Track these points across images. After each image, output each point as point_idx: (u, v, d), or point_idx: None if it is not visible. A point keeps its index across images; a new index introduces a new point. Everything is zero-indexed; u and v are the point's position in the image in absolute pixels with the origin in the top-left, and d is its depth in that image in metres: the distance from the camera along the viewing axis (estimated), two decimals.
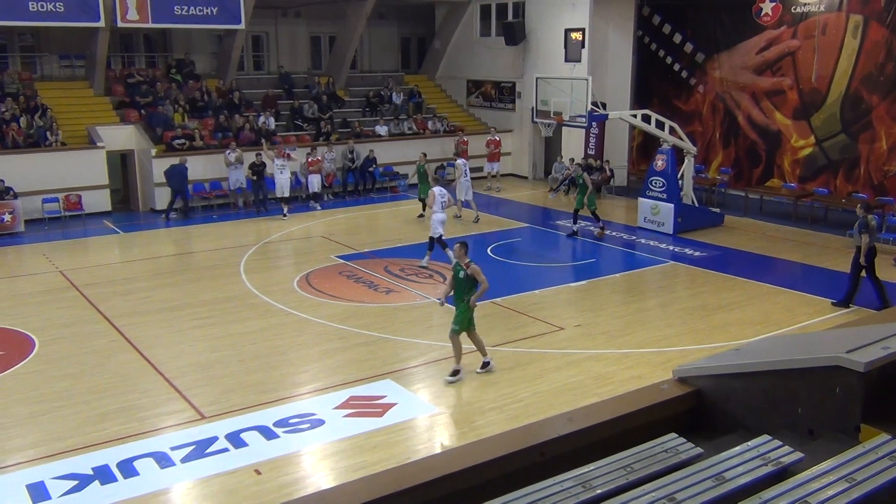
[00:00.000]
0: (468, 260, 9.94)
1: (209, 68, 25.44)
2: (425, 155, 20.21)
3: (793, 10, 19.33)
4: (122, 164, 21.58)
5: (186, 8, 21.27)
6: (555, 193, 22.29)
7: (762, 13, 19.86)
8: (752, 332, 11.60)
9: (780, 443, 4.15)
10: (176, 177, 19.62)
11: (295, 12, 27.08)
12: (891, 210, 17.31)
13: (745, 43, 20.54)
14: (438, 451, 8.41)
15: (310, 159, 20.94)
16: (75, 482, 7.76)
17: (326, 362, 10.78)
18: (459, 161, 19.96)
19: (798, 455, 4.04)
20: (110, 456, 8.21)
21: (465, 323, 9.93)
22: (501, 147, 24.16)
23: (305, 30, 27.75)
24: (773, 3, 19.58)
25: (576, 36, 22.50)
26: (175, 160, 19.85)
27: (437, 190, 15.29)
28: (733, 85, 21.03)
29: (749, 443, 4.16)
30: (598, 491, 3.71)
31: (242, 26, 22.41)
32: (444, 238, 15.09)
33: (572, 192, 20.47)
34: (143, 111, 21.67)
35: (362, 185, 22.90)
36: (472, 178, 20.17)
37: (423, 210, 19.03)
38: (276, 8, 26.08)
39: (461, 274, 9.92)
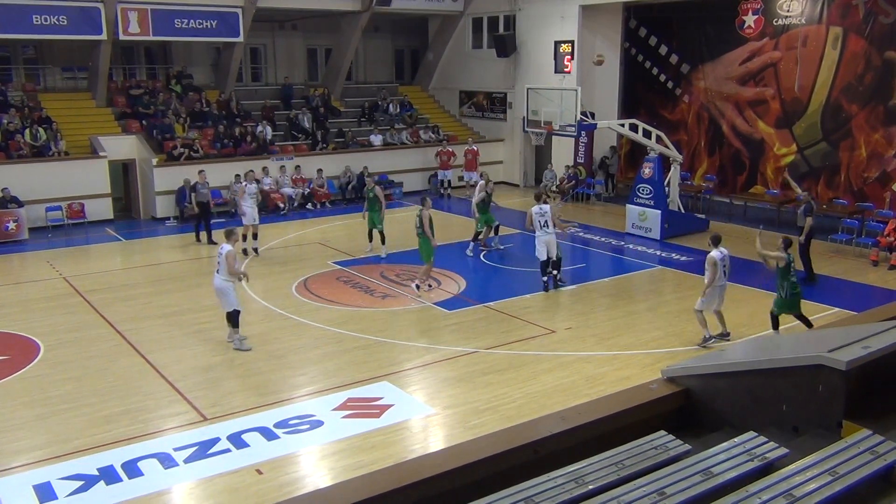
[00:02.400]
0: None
1: (208, 80, 25.73)
2: (373, 178, 18.83)
3: (775, 23, 19.71)
4: (123, 173, 21.83)
5: (186, 21, 21.62)
6: (562, 202, 22.45)
7: (745, 25, 20.23)
8: (737, 333, 11.79)
9: (766, 439, 4.24)
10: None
11: (292, 25, 27.38)
12: (870, 215, 17.66)
13: (728, 54, 20.90)
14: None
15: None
16: (81, 482, 7.86)
17: (325, 365, 10.93)
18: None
19: (783, 450, 4.13)
20: (115, 457, 8.32)
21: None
22: (479, 157, 24.18)
23: (302, 42, 28.07)
24: (756, 16, 19.95)
25: (565, 48, 22.89)
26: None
27: (535, 210, 14.17)
28: (717, 95, 21.38)
29: (735, 439, 4.24)
30: (591, 486, 3.81)
31: (241, 39, 22.76)
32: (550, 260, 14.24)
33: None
34: (144, 122, 21.97)
35: (359, 194, 23.28)
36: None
37: (371, 241, 17.06)
38: (273, 21, 26.40)
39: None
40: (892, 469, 4.05)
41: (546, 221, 14.07)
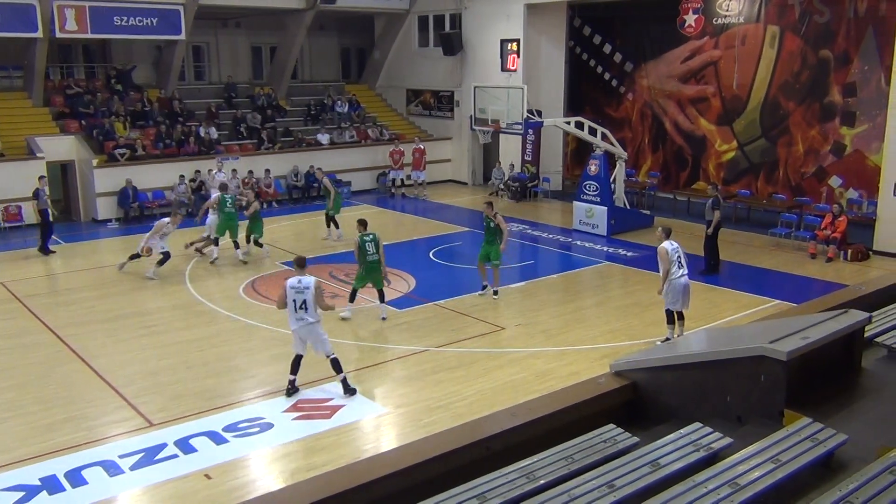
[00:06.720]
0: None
1: (150, 78, 25.19)
2: (321, 170, 20.02)
3: (714, 22, 20.17)
4: (62, 174, 21.27)
5: (126, 18, 21.13)
6: (512, 200, 22.60)
7: (686, 24, 20.59)
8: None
9: (711, 429, 4.40)
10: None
11: (235, 23, 26.98)
12: (808, 210, 18.17)
13: (670, 53, 21.34)
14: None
15: None
16: (22, 493, 7.66)
17: (274, 367, 10.78)
18: None
19: (727, 440, 4.29)
20: (58, 466, 8.13)
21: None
22: (426, 155, 24.19)
23: (246, 40, 27.66)
24: (696, 15, 20.33)
25: (511, 46, 23.06)
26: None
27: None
28: (660, 93, 21.82)
29: (682, 430, 4.40)
30: (542, 481, 3.91)
31: (183, 37, 22.34)
32: None
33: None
34: (83, 122, 21.44)
35: (306, 193, 23.09)
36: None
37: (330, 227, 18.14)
38: (216, 19, 25.98)
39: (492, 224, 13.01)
40: (832, 455, 4.19)
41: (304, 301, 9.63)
